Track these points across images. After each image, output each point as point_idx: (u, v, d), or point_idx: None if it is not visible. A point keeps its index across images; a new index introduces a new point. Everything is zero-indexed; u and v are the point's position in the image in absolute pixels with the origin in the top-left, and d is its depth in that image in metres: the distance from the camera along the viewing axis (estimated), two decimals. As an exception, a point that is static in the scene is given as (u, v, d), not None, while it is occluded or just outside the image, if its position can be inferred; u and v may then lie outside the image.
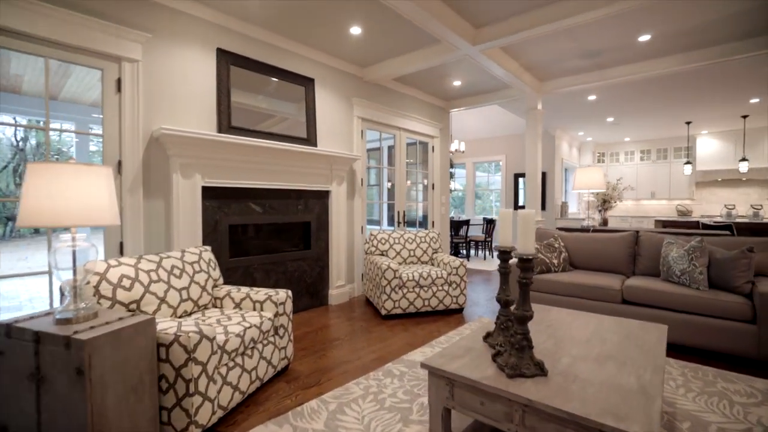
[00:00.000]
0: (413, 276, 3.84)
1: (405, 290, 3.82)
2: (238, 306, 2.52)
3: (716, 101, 6.19)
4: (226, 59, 3.36)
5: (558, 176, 8.54)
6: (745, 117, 7.21)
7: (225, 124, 3.32)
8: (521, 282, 1.66)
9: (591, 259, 3.87)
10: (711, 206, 8.88)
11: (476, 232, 8.70)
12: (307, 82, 4.06)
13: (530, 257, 1.62)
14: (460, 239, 7.57)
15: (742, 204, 8.44)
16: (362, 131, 4.77)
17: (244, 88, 3.49)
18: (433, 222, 6.06)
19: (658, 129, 8.34)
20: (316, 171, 4.08)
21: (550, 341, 2.01)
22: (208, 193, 3.24)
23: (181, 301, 2.26)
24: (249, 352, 2.19)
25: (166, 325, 1.80)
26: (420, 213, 6.04)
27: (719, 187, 8.78)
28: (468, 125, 8.67)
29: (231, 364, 2.03)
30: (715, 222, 5.75)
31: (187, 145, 2.96)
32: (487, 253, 8.01)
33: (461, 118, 8.26)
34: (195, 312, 2.39)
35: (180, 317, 2.26)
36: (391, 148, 5.42)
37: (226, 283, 3.39)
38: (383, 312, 3.76)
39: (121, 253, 2.77)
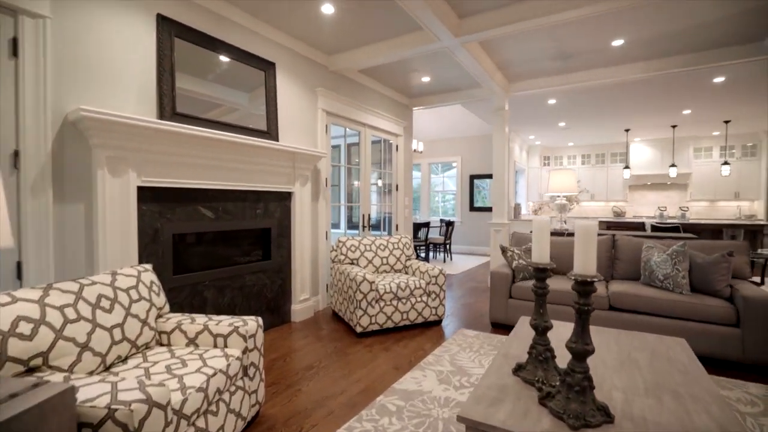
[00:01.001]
0: (390, 287, 3.47)
1: (382, 304, 3.43)
2: (192, 342, 1.95)
3: (654, 111, 6.61)
4: (170, 29, 2.71)
5: (512, 178, 8.69)
6: (674, 127, 7.85)
7: (168, 110, 2.67)
8: (581, 309, 1.36)
9: (569, 264, 3.79)
10: (641, 208, 9.63)
11: (434, 234, 8.56)
12: (268, 67, 3.50)
13: (591, 279, 1.33)
14: (420, 242, 7.34)
15: (668, 205, 9.25)
16: (327, 126, 4.29)
17: (189, 69, 2.86)
18: (397, 225, 5.73)
19: (600, 135, 8.84)
20: (278, 169, 3.54)
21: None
22: (147, 194, 2.58)
23: (113, 344, 1.66)
24: (214, 407, 1.65)
25: (92, 391, 1.23)
26: (384, 216, 5.67)
27: (648, 190, 9.55)
28: (424, 125, 8.49)
29: (191, 430, 1.49)
30: (661, 224, 6.10)
31: (117, 132, 2.30)
32: (446, 255, 7.88)
33: (417, 118, 8.05)
34: (133, 356, 1.79)
35: (111, 367, 1.66)
36: (350, 146, 4.99)
37: (171, 308, 2.74)
38: (358, 329, 3.34)
39: (19, 279, 2.04)
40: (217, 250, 3.19)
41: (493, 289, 3.66)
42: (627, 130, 8.26)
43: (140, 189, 2.53)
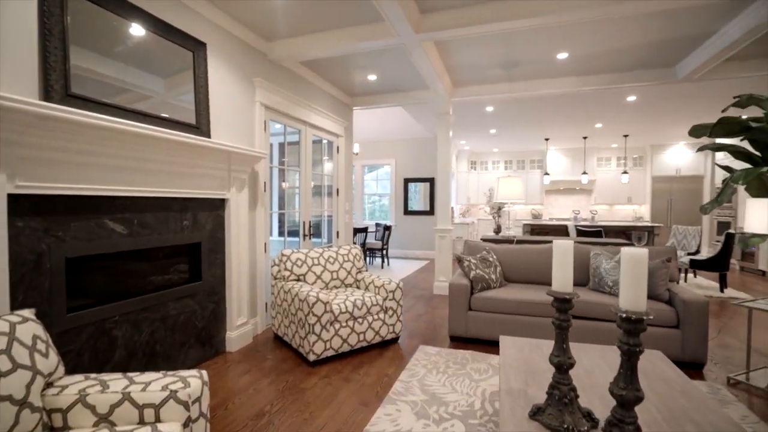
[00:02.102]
0: (346, 307, 3.10)
1: (337, 326, 3.04)
2: (105, 419, 1.39)
3: (572, 122, 7.19)
4: (60, -20, 2.01)
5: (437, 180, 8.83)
6: (585, 138, 8.68)
7: (59, 90, 1.97)
8: (630, 351, 1.17)
9: (522, 272, 3.80)
10: (555, 210, 10.54)
11: (371, 239, 8.31)
12: (197, 47, 2.88)
13: (642, 317, 1.15)
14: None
15: (576, 209, 10.25)
16: (266, 122, 3.74)
17: (89, 40, 2.16)
18: (338, 232, 5.34)
19: (523, 143, 9.43)
20: (210, 172, 2.94)
21: (587, 397, 1.58)
22: (25, 206, 1.86)
23: (-25, 449, 1.06)
24: None
25: None
26: (323, 221, 5.24)
27: (561, 195, 10.48)
28: (357, 126, 8.18)
29: None
30: (584, 227, 6.62)
31: (-24, 118, 1.59)
32: (384, 261, 7.67)
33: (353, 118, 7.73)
34: (10, 456, 1.18)
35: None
36: (282, 145, 4.47)
37: (65, 361, 2.03)
38: (311, 357, 2.90)
39: None
40: (131, 275, 2.50)
41: (452, 302, 3.50)
42: (547, 139, 8.92)
43: (14, 198, 1.81)
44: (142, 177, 2.41)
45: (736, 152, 3.40)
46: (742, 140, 3.32)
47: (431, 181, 8.74)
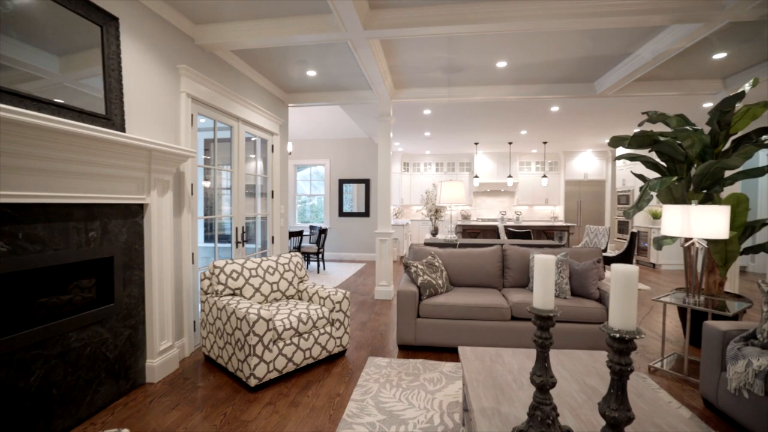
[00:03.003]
0: (291, 323, 2.83)
1: (281, 344, 2.76)
2: None
3: (500, 128, 7.61)
4: None
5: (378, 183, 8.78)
6: (510, 143, 9.27)
7: None
8: (620, 371, 1.14)
9: (467, 276, 3.85)
10: (482, 211, 11.12)
11: (306, 242, 7.94)
12: (108, 22, 2.38)
13: (629, 336, 1.12)
14: (292, 251, 6.64)
15: (501, 209, 10.92)
16: (193, 116, 3.28)
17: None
18: (273, 237, 4.96)
19: (454, 146, 9.77)
20: (125, 173, 2.46)
21: (569, 417, 1.57)
22: None
23: None
24: None
25: None
26: (254, 225, 4.82)
27: (488, 196, 11.09)
28: (290, 124, 7.78)
29: None
30: (513, 228, 7.01)
31: None
32: (319, 265, 7.37)
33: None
34: None
35: None
36: (209, 142, 4.02)
37: None
38: (252, 382, 2.59)
39: None
40: (13, 304, 1.97)
41: (400, 310, 3.40)
42: (476, 143, 9.34)
43: None
44: (31, 178, 1.91)
45: (647, 162, 3.79)
46: (650, 151, 3.71)
47: (367, 183, 8.64)
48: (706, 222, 2.75)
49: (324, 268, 7.41)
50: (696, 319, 3.49)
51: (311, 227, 7.85)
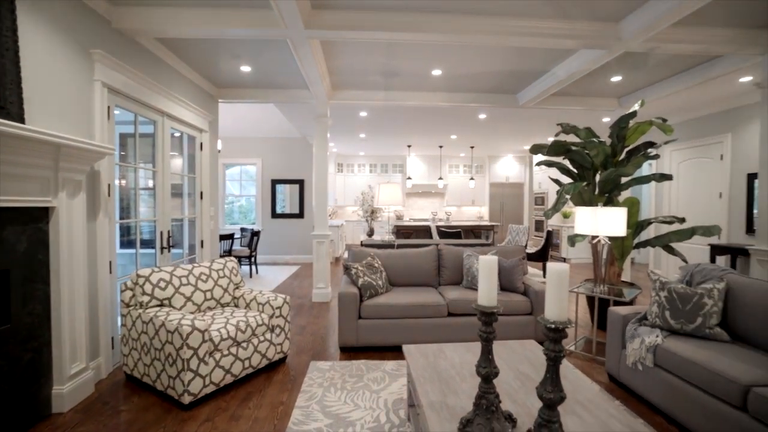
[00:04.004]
0: (228, 332, 2.69)
1: (218, 356, 2.61)
2: None
3: (432, 132, 7.95)
4: None
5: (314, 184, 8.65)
6: (441, 147, 9.72)
7: None
8: (554, 357, 1.29)
9: (405, 276, 3.97)
10: (414, 211, 11.50)
11: (237, 245, 7.51)
12: (1, -6, 2.04)
13: (563, 326, 1.28)
14: (224, 256, 6.26)
15: (432, 210, 11.41)
16: (110, 108, 2.95)
17: None
18: (202, 241, 4.64)
19: (387, 148, 9.97)
20: (25, 171, 2.14)
21: (508, 402, 1.72)
22: None
23: None
24: None
25: None
26: (185, 229, 4.47)
27: (420, 197, 11.50)
28: (219, 120, 7.32)
29: None
30: (444, 228, 7.35)
31: None
32: (252, 268, 7.04)
33: (215, 110, 6.86)
34: None
35: None
36: (127, 137, 3.64)
37: None
38: (186, 399, 2.41)
39: None
40: None
41: (342, 312, 3.41)
42: (409, 146, 9.64)
43: None
44: None
45: (562, 168, 4.25)
46: (563, 159, 4.17)
47: (301, 183, 8.45)
48: (609, 221, 3.18)
49: (257, 272, 7.09)
50: (601, 305, 4.00)
51: (242, 229, 7.47)
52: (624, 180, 4.53)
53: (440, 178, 9.54)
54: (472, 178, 9.85)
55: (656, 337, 2.48)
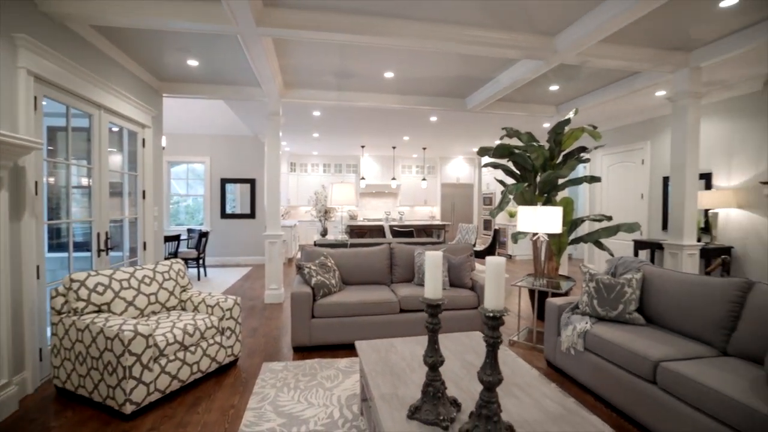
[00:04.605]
0: (174, 336, 2.59)
1: (164, 361, 2.51)
2: None
3: (385, 133, 8.08)
4: None
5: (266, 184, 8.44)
6: (394, 147, 9.88)
7: None
8: (493, 342, 1.41)
9: (358, 274, 4.02)
10: (368, 211, 11.59)
11: (183, 247, 7.14)
12: None
13: (500, 314, 1.40)
14: (169, 258, 5.93)
15: (386, 210, 11.56)
16: (37, 99, 2.71)
17: None
18: (144, 243, 4.39)
19: (342, 148, 9.97)
20: (-63, 167, 1.93)
21: (453, 388, 1.83)
22: None
23: None
24: None
25: None
26: (125, 231, 4.20)
27: (373, 197, 11.61)
28: (165, 115, 6.93)
29: None
30: (398, 227, 7.49)
31: None
32: (200, 271, 6.73)
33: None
34: None
35: None
36: (58, 131, 3.37)
37: None
38: (128, 409, 2.30)
39: None
40: None
41: (294, 312, 3.39)
42: (363, 146, 9.70)
43: None
44: None
45: (506, 170, 4.52)
46: (508, 161, 4.44)
47: (252, 182, 8.22)
48: (547, 220, 3.45)
49: (206, 275, 6.80)
50: (541, 297, 4.31)
51: (189, 230, 7.12)
52: (561, 181, 4.91)
53: (393, 179, 9.70)
54: (424, 179, 10.13)
55: (586, 324, 2.74)
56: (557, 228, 3.45)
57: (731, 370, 1.96)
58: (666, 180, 5.76)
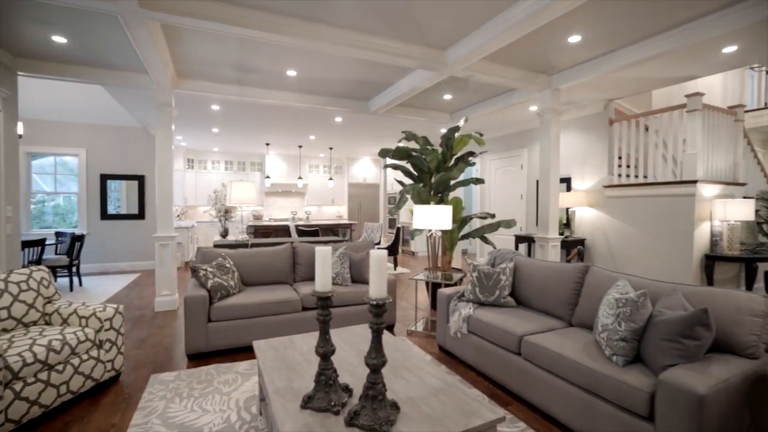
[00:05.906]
0: (35, 355, 2.26)
1: (20, 385, 2.17)
2: None
3: (290, 132, 7.93)
4: None
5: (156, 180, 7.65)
6: (300, 146, 9.74)
7: None
8: (377, 328, 1.55)
9: (259, 274, 3.93)
10: (275, 211, 11.24)
11: (50, 253, 6.08)
12: None
13: (383, 302, 1.55)
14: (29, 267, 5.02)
15: (293, 209, 11.34)
16: None
17: None
18: (-8, 249, 3.69)
19: (245, 145, 9.49)
20: None
21: (348, 376, 1.94)
22: None
23: None
24: None
25: None
26: (-37, 236, 3.48)
27: (279, 197, 11.29)
28: (24, 98, 5.85)
29: None
30: (303, 227, 7.41)
31: None
32: (73, 280, 5.82)
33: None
34: None
35: None
36: None
37: None
38: (-30, 444, 1.94)
39: None
40: None
41: (188, 317, 3.19)
42: (267, 144, 9.37)
43: None
44: None
45: (405, 171, 4.83)
46: (407, 163, 4.75)
47: (141, 179, 7.39)
48: (439, 217, 3.79)
49: (80, 284, 5.91)
50: (435, 289, 4.70)
51: (58, 234, 6.12)
52: (452, 182, 5.41)
53: (300, 178, 9.57)
54: (331, 179, 10.18)
55: (469, 309, 3.10)
56: (448, 225, 3.82)
57: (572, 338, 2.42)
58: (538, 183, 6.72)
